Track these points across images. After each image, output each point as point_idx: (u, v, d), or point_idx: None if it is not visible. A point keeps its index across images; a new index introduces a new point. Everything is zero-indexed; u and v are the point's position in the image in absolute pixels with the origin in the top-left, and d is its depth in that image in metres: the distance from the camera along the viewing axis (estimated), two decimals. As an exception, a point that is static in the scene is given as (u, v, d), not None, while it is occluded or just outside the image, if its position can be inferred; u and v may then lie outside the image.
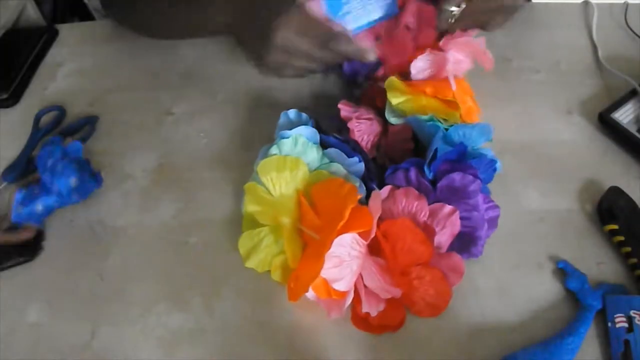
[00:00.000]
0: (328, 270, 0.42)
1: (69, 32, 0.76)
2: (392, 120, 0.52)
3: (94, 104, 0.66)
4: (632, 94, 0.58)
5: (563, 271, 0.47)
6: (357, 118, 0.53)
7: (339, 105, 0.54)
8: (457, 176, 0.47)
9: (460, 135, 0.49)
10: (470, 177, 0.47)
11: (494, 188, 0.51)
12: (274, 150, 0.49)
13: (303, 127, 0.50)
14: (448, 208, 0.46)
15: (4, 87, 0.67)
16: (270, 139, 0.53)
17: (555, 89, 0.62)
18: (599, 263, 0.48)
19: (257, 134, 0.59)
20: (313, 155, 0.50)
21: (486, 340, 0.44)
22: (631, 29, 0.67)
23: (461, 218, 0.46)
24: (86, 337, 0.47)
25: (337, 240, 0.42)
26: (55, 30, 0.76)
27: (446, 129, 0.49)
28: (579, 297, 0.45)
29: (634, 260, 0.46)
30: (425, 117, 0.50)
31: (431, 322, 0.45)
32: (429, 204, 0.47)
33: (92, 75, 0.70)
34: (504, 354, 0.43)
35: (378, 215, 0.44)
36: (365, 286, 0.44)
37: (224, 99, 0.64)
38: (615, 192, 0.50)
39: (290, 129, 0.50)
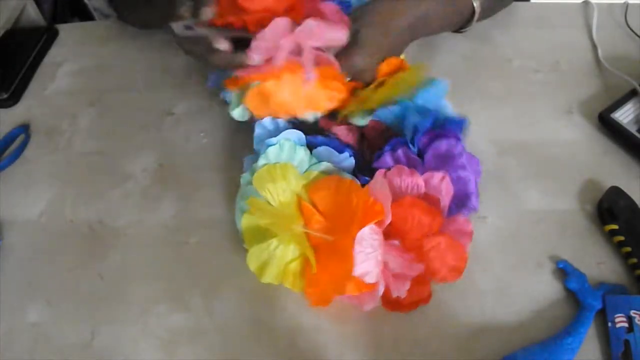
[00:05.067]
0: (357, 267, 0.42)
1: (69, 32, 0.76)
2: (361, 122, 0.52)
3: (94, 104, 0.66)
4: (632, 94, 0.58)
5: (563, 271, 0.47)
6: (337, 124, 0.53)
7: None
8: (442, 144, 0.48)
9: (425, 101, 0.50)
10: (453, 141, 0.48)
11: (494, 188, 0.51)
12: (262, 160, 0.49)
13: (289, 131, 0.50)
14: (438, 175, 0.47)
15: (4, 87, 0.67)
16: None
17: (555, 89, 0.62)
18: (599, 263, 0.48)
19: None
20: (301, 156, 0.50)
21: (486, 340, 0.44)
22: (631, 29, 0.67)
23: (451, 180, 0.47)
24: (86, 337, 0.47)
25: (357, 237, 0.42)
26: (55, 30, 0.76)
27: (412, 101, 0.50)
28: (579, 297, 0.45)
29: (634, 260, 0.46)
30: (393, 107, 0.50)
31: (431, 322, 0.45)
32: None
33: (92, 75, 0.70)
34: (504, 354, 0.43)
35: (389, 201, 0.44)
36: (389, 270, 0.44)
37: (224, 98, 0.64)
38: (615, 192, 0.50)
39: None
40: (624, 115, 0.56)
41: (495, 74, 0.64)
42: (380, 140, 0.53)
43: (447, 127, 0.49)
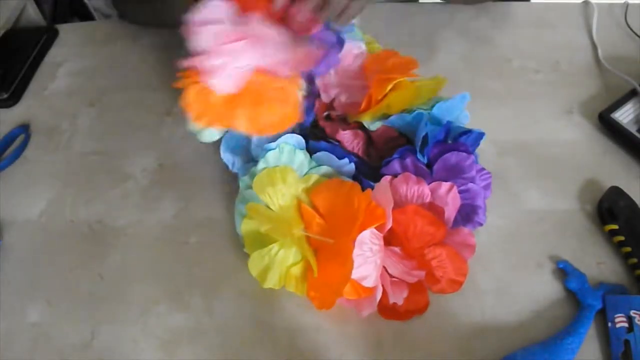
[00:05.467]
0: (355, 270, 0.42)
1: (69, 32, 0.76)
2: (372, 127, 0.52)
3: (94, 104, 0.66)
4: (632, 94, 0.58)
5: (563, 271, 0.47)
6: (343, 129, 0.53)
7: (321, 123, 0.54)
8: (452, 156, 0.48)
9: (443, 110, 0.50)
10: (464, 154, 0.48)
11: (494, 188, 0.51)
12: (261, 164, 0.49)
13: (288, 135, 0.50)
14: (446, 185, 0.47)
15: (4, 87, 0.67)
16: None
17: (555, 89, 0.62)
18: (599, 263, 0.48)
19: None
20: (301, 160, 0.50)
21: (486, 340, 0.44)
22: (631, 29, 0.67)
23: (459, 192, 0.47)
24: (86, 337, 0.47)
25: (357, 240, 0.42)
26: (55, 30, 0.76)
27: (429, 111, 0.50)
28: (579, 297, 0.45)
29: (634, 260, 0.46)
30: (408, 114, 0.50)
31: (431, 322, 0.45)
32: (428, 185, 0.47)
33: (92, 75, 0.70)
34: (504, 354, 0.43)
35: (391, 206, 0.44)
36: (389, 276, 0.44)
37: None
38: (615, 192, 0.50)
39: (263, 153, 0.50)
40: (624, 115, 0.56)
41: (495, 74, 0.64)
42: (389, 147, 0.53)
43: (460, 140, 0.49)
